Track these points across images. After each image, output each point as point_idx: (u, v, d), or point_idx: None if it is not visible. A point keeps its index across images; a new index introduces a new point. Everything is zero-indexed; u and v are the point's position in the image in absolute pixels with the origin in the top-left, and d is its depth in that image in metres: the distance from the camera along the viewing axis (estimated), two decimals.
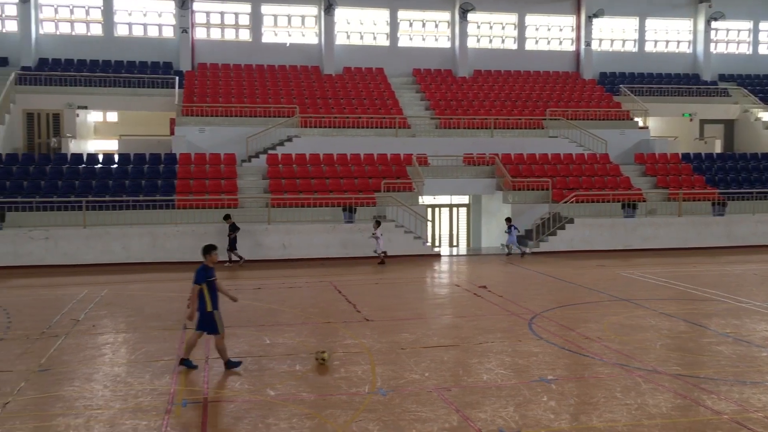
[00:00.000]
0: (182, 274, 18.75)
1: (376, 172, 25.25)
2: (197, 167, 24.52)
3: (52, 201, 21.28)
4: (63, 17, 31.80)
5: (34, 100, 28.37)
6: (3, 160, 23.89)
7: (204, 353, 10.51)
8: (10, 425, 7.49)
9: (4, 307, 14.11)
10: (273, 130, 27.05)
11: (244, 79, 31.44)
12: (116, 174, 23.74)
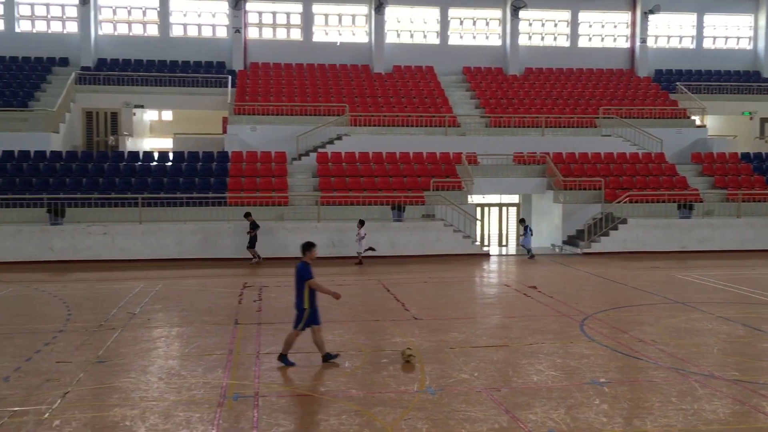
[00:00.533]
0: (233, 270, 19.11)
1: (425, 171, 25.20)
2: (249, 165, 24.87)
3: (110, 197, 21.87)
4: (121, 18, 32.66)
5: (93, 100, 29.20)
6: (63, 157, 24.65)
7: (255, 348, 10.65)
8: (69, 415, 7.73)
9: (64, 300, 14.57)
10: (323, 129, 27.25)
11: (295, 78, 31.76)
12: (171, 172, 24.27)
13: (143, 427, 7.38)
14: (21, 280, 17.27)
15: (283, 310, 13.61)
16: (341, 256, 21.43)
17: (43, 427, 7.33)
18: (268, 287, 16.30)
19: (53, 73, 30.51)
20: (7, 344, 10.90)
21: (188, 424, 7.48)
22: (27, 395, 8.38)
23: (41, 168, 23.54)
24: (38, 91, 29.01)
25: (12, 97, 27.95)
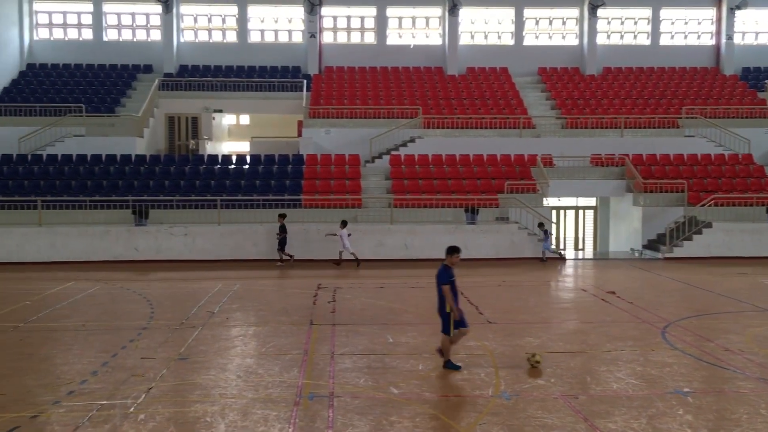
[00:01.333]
0: (308, 272, 19.38)
1: (499, 173, 24.92)
2: (323, 168, 25.21)
3: (190, 199, 22.57)
4: (201, 26, 33.72)
5: (175, 105, 30.23)
6: (147, 161, 25.62)
7: (330, 349, 10.77)
8: (152, 409, 8.00)
9: (147, 299, 15.12)
10: (396, 131, 27.34)
11: (369, 81, 32.00)
12: (248, 174, 24.85)
13: (223, 424, 7.57)
14: (109, 278, 18.02)
15: (358, 312, 13.74)
16: (414, 258, 21.43)
17: (128, 421, 7.62)
18: (342, 288, 16.46)
19: (138, 80, 31.78)
20: (95, 340, 11.39)
21: (266, 422, 7.62)
22: (114, 389, 8.72)
23: (127, 171, 24.53)
24: (124, 97, 30.27)
25: (100, 103, 29.25)
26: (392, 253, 21.60)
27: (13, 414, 7.82)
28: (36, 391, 8.71)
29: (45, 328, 12.27)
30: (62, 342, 11.30)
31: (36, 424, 7.55)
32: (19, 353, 10.57)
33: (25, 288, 16.53)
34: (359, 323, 12.66)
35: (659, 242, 23.05)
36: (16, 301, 14.70)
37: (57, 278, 17.97)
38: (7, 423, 7.54)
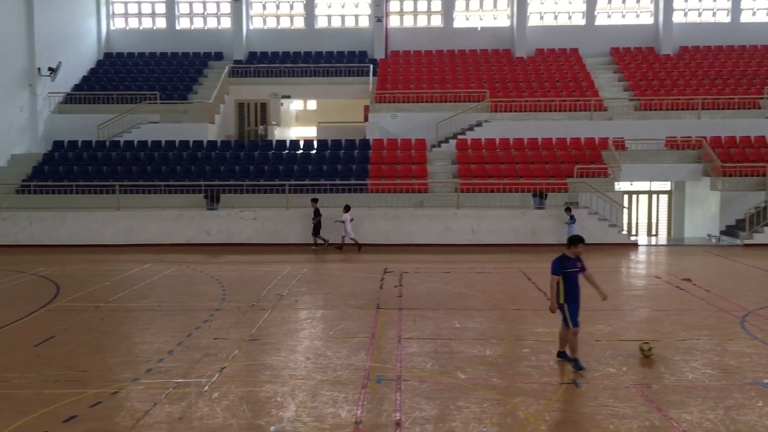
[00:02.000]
0: (374, 256, 19.50)
1: (568, 157, 24.41)
2: (389, 152, 25.25)
3: (259, 184, 23.01)
4: (270, 12, 34.15)
5: (244, 91, 30.78)
6: (218, 146, 26.22)
7: (396, 333, 10.82)
8: (225, 388, 8.23)
9: (219, 281, 15.53)
10: (463, 115, 27.09)
11: (435, 65, 31.78)
12: (315, 159, 25.12)
13: (293, 404, 7.72)
14: (182, 261, 18.59)
15: (424, 296, 13.75)
16: (480, 243, 21.27)
17: (203, 399, 7.86)
18: (409, 273, 16.49)
19: (209, 67, 32.49)
20: (171, 320, 11.78)
21: (334, 403, 7.73)
22: (188, 368, 9.01)
23: (199, 157, 25.17)
24: (196, 84, 31.01)
25: (173, 90, 30.06)
26: (458, 238, 21.49)
27: (95, 390, 8.18)
28: (116, 368, 9.08)
29: (124, 308, 12.76)
30: (140, 321, 11.74)
31: (116, 399, 7.88)
32: (100, 332, 11.04)
33: (104, 269, 17.23)
34: (426, 308, 12.67)
35: (738, 228, 22.17)
36: (96, 282, 15.35)
37: (134, 260, 18.66)
38: (90, 398, 7.90)
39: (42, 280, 15.76)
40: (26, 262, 18.28)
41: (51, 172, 24.14)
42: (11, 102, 25.47)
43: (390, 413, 7.44)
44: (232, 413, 7.42)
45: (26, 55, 26.39)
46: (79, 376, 8.70)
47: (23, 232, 21.48)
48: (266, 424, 7.11)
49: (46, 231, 21.52)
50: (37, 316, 12.12)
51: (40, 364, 9.28)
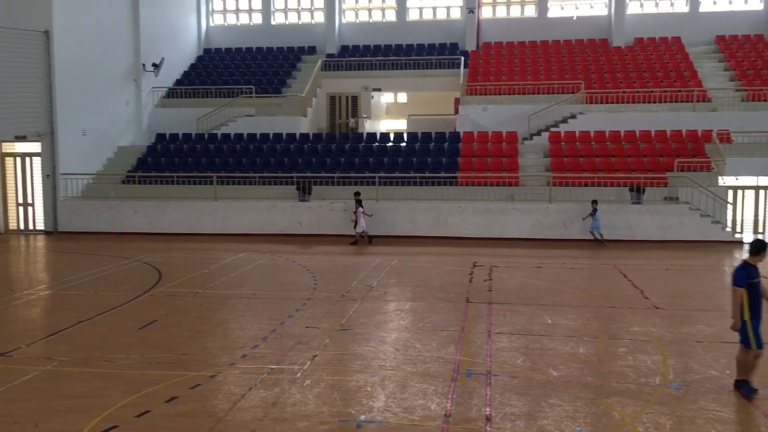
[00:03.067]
0: (463, 249, 19.37)
1: (668, 150, 23.42)
2: (480, 145, 24.99)
3: (350, 176, 23.29)
4: (362, 6, 34.44)
5: (336, 84, 31.20)
6: (310, 139, 26.71)
7: (486, 327, 10.72)
8: (317, 376, 8.40)
9: (311, 271, 15.84)
10: (556, 108, 26.46)
11: (528, 56, 31.17)
12: (405, 152, 25.18)
13: (383, 394, 7.79)
14: (275, 251, 19.08)
15: (515, 291, 13.56)
16: (573, 238, 20.75)
17: (296, 386, 8.05)
18: (499, 267, 16.30)
19: (303, 61, 33.12)
20: (265, 308, 12.12)
21: (424, 395, 7.75)
22: (282, 355, 9.25)
23: (291, 149, 25.73)
24: (290, 78, 31.68)
25: (268, 84, 30.83)
26: (550, 232, 21.04)
27: (195, 372, 8.52)
28: (214, 352, 9.43)
29: (221, 295, 13.23)
30: (236, 308, 12.14)
31: (214, 383, 8.18)
32: (198, 317, 11.49)
33: (203, 257, 17.91)
34: (516, 302, 12.49)
35: None
36: (195, 269, 15.98)
37: (230, 249, 19.30)
38: (190, 380, 8.24)
39: (145, 266, 16.55)
40: (131, 249, 19.24)
41: (154, 164, 25.29)
42: (118, 97, 26.81)
43: (480, 408, 7.38)
44: (323, 401, 7.56)
45: (132, 52, 27.70)
46: (179, 359, 9.09)
47: (128, 221, 22.60)
48: (356, 413, 7.20)
49: (148, 220, 22.56)
50: (141, 301, 12.74)
51: (144, 346, 9.76)
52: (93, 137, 24.90)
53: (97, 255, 18.31)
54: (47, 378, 8.37)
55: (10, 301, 12.77)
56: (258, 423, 6.96)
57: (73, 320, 11.19)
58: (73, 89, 23.42)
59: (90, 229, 22.69)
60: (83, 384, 8.14)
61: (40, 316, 11.94)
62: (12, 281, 15.16)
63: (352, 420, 7.03)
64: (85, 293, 13.42)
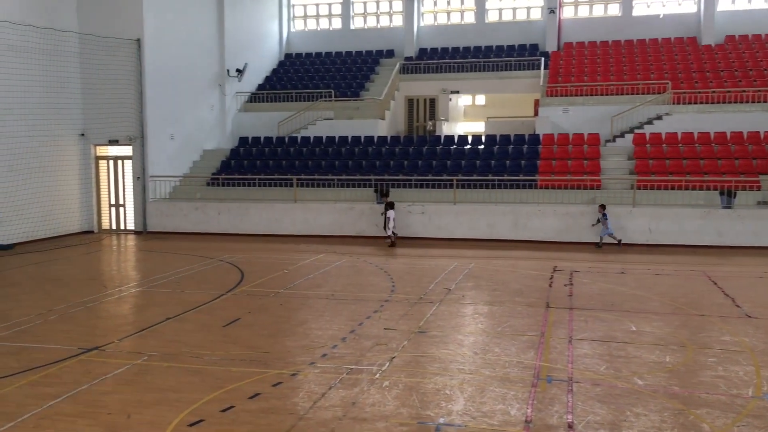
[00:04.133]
0: (543, 253, 19.04)
1: (762, 153, 22.36)
2: (560, 147, 24.52)
3: (427, 179, 23.28)
4: (441, 8, 34.40)
5: (413, 87, 31.29)
6: (388, 142, 26.87)
7: (567, 333, 10.50)
8: (395, 378, 8.42)
9: (388, 273, 15.92)
10: (640, 109, 25.68)
11: (611, 56, 30.39)
12: (483, 154, 24.99)
13: (462, 398, 7.74)
14: (353, 252, 19.27)
15: (596, 297, 13.23)
16: (658, 243, 20.07)
17: (374, 386, 8.10)
18: (580, 272, 15.93)
19: (381, 65, 33.37)
20: (343, 309, 12.26)
21: (503, 400, 7.66)
22: (360, 356, 9.33)
23: (370, 152, 25.96)
24: (368, 81, 31.98)
25: (347, 88, 31.21)
26: (634, 237, 20.40)
27: (276, 370, 8.70)
28: (294, 351, 9.61)
29: (300, 295, 13.47)
30: (315, 309, 12.33)
31: (295, 381, 8.34)
32: (279, 316, 11.74)
33: (283, 258, 18.28)
34: (598, 309, 12.18)
35: None
36: (276, 270, 16.33)
37: (309, 250, 19.63)
38: (272, 378, 8.42)
39: (228, 266, 17.04)
40: (214, 249, 19.85)
41: (237, 166, 26.02)
42: (204, 101, 27.73)
43: (561, 415, 7.23)
44: (402, 402, 7.58)
45: (217, 58, 28.59)
46: (261, 357, 9.31)
47: (212, 221, 23.32)
48: (435, 416, 7.18)
49: (231, 221, 23.22)
50: (224, 299, 13.13)
51: (228, 343, 10.04)
52: (180, 141, 25.85)
53: (183, 254, 18.99)
54: (138, 371, 8.74)
55: (102, 298, 13.40)
56: (338, 422, 7.05)
57: (161, 317, 11.64)
58: (162, 95, 24.39)
59: (177, 229, 23.56)
60: (171, 378, 8.45)
61: (131, 312, 12.47)
62: (105, 279, 15.91)
63: (431, 423, 7.02)
64: (172, 291, 13.93)
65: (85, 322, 11.53)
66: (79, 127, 23.80)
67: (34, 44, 21.62)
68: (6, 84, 20.59)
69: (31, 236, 21.52)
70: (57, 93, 22.66)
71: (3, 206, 20.50)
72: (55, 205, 22.70)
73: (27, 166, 21.47)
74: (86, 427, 6.98)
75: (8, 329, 10.93)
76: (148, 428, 6.92)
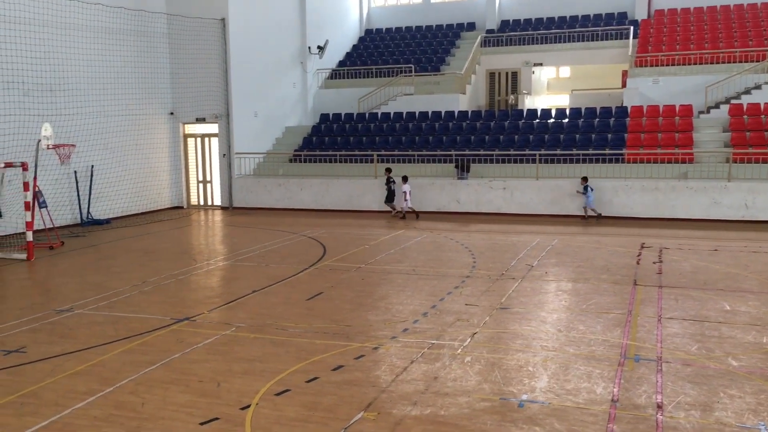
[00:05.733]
0: (629, 230, 18.43)
1: None
2: (649, 120, 23.59)
3: (509, 154, 22.89)
4: None
5: (495, 61, 30.72)
6: (469, 116, 26.54)
7: (656, 311, 10.17)
8: (477, 353, 8.38)
9: (469, 249, 15.81)
10: (737, 78, 24.35)
11: (706, 23, 28.88)
12: (567, 128, 24.33)
13: (545, 375, 7.63)
14: (433, 228, 19.23)
15: (687, 274, 12.73)
16: (756, 219, 19.08)
17: (456, 361, 8.09)
18: (669, 249, 15.35)
19: (462, 38, 32.89)
20: (424, 284, 12.27)
21: (589, 378, 7.50)
22: (441, 331, 9.33)
23: (450, 127, 25.72)
24: (449, 56, 31.60)
25: (427, 62, 30.96)
26: (728, 213, 19.46)
27: (358, 344, 8.82)
28: (376, 325, 9.70)
29: (381, 270, 13.56)
30: (396, 283, 12.39)
31: (377, 355, 8.42)
32: (361, 291, 11.87)
33: (364, 233, 18.44)
34: (689, 287, 11.72)
35: None
36: (357, 245, 16.50)
37: (389, 225, 19.71)
38: (354, 351, 8.54)
39: (311, 240, 17.33)
40: (297, 224, 20.23)
41: (318, 143, 26.34)
42: (286, 79, 28.12)
43: (650, 395, 7.02)
44: (484, 378, 7.54)
45: (299, 36, 28.88)
46: (344, 330, 9.45)
47: (295, 197, 23.75)
48: (518, 392, 7.11)
49: (313, 196, 23.56)
50: (308, 273, 13.37)
51: (311, 316, 10.24)
52: (263, 118, 26.36)
53: (267, 229, 19.45)
54: (226, 342, 9.04)
55: (192, 271, 13.90)
56: (420, 396, 7.08)
57: (247, 289, 11.98)
58: (246, 73, 24.88)
59: (260, 204, 24.14)
60: (258, 349, 8.70)
61: (219, 285, 12.89)
62: (194, 252, 16.50)
63: (513, 399, 6.96)
64: (257, 265, 14.30)
65: (176, 293, 12.01)
66: (168, 106, 24.64)
67: (126, 26, 22.45)
68: (101, 65, 21.49)
69: (125, 211, 22.54)
70: (148, 73, 23.49)
71: (99, 182, 21.50)
72: (147, 182, 23.65)
73: (121, 144, 22.43)
74: (179, 393, 7.29)
75: (106, 299, 11.52)
76: (237, 396, 7.16)
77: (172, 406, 6.97)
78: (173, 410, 6.85)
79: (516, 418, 6.51)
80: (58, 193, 19.95)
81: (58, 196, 19.95)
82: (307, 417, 6.61)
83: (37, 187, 16.86)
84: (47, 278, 13.72)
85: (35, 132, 17.87)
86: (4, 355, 8.66)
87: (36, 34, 19.11)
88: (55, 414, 6.78)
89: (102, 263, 14.92)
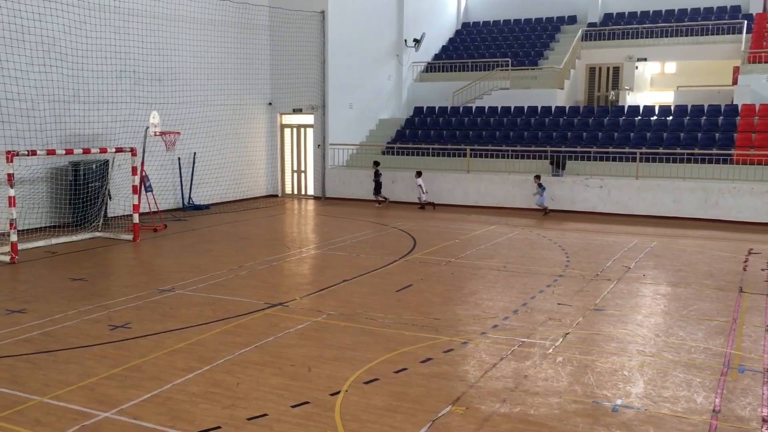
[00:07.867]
0: (736, 234, 17.51)
1: None
2: (762, 119, 22.27)
3: (608, 152, 22.17)
4: None
5: (596, 55, 29.78)
6: (566, 112, 25.88)
7: (763, 321, 9.62)
8: (569, 354, 8.18)
9: (562, 248, 15.45)
10: None
11: None
12: (671, 126, 23.33)
13: (641, 380, 7.36)
14: (525, 225, 18.92)
15: None
16: None
17: (547, 361, 7.93)
18: None
19: (561, 32, 32.07)
20: (516, 282, 12.09)
21: (688, 386, 7.18)
22: (532, 329, 9.17)
23: (546, 123, 25.17)
24: (547, 49, 30.90)
25: (524, 56, 30.39)
26: None
27: (447, 337, 8.79)
28: (465, 320, 9.64)
29: (471, 265, 13.46)
30: (486, 279, 12.27)
31: (466, 349, 8.37)
32: (450, 285, 11.82)
33: (455, 228, 18.35)
34: None
35: None
36: (447, 239, 16.43)
37: (480, 221, 19.53)
38: (443, 344, 8.52)
39: (401, 233, 17.40)
40: (388, 216, 20.35)
41: (411, 136, 26.37)
42: (381, 71, 28.28)
43: (755, 407, 6.65)
44: (576, 379, 7.36)
45: (396, 28, 28.96)
46: (433, 323, 9.44)
47: (386, 189, 23.84)
48: (612, 396, 6.90)
49: (404, 189, 23.61)
50: (397, 265, 13.44)
51: (400, 308, 10.28)
52: (358, 110, 26.62)
53: (358, 220, 19.67)
54: (318, 328, 9.21)
55: (286, 258, 14.25)
56: (509, 393, 6.98)
57: (338, 278, 12.16)
58: (343, 65, 25.19)
59: (352, 195, 24.42)
60: (347, 337, 8.82)
61: (311, 273, 13.15)
62: (287, 240, 16.90)
63: (607, 403, 6.75)
64: (348, 254, 14.49)
65: (270, 279, 12.35)
66: (266, 97, 25.29)
67: (230, 18, 23.18)
68: (205, 55, 22.29)
69: (223, 198, 23.33)
70: (248, 64, 24.19)
71: (200, 169, 22.35)
72: (244, 170, 24.39)
73: (221, 133, 23.21)
74: (271, 376, 7.49)
75: (205, 281, 11.97)
76: (327, 381, 7.28)
77: (266, 387, 7.17)
78: (266, 391, 7.05)
79: (609, 423, 6.31)
80: (162, 178, 20.87)
81: (163, 181, 20.87)
82: (395, 407, 6.64)
83: (144, 172, 17.72)
84: (151, 259, 14.41)
85: (144, 119, 18.77)
86: (111, 330, 9.16)
87: (147, 25, 20.04)
88: (157, 388, 7.11)
89: (201, 247, 15.52)
